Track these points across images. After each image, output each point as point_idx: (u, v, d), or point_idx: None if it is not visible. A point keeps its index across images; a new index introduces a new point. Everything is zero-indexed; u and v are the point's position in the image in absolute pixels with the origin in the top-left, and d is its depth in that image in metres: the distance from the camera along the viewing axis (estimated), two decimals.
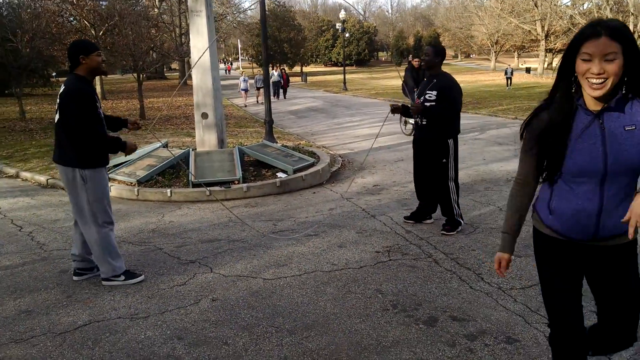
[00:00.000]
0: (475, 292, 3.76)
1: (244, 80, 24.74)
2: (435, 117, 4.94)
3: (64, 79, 3.97)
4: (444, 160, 5.03)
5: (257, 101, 24.44)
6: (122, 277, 4.05)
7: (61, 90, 3.81)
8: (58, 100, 3.79)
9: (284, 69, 26.34)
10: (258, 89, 24.23)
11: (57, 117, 3.81)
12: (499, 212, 5.81)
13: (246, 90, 24.43)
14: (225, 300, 3.72)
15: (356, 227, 5.40)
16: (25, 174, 8.43)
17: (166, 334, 3.25)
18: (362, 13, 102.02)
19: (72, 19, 23.90)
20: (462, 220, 5.24)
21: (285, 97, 27.29)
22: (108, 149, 3.93)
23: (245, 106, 22.53)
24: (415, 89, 8.01)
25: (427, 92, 4.95)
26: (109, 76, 41.91)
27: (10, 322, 3.46)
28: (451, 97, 4.89)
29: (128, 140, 4.04)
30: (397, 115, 17.14)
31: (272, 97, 23.35)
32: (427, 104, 4.94)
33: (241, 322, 3.39)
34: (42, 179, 8.02)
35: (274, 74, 25.62)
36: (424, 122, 5.02)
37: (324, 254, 4.64)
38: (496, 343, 3.06)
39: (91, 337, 3.24)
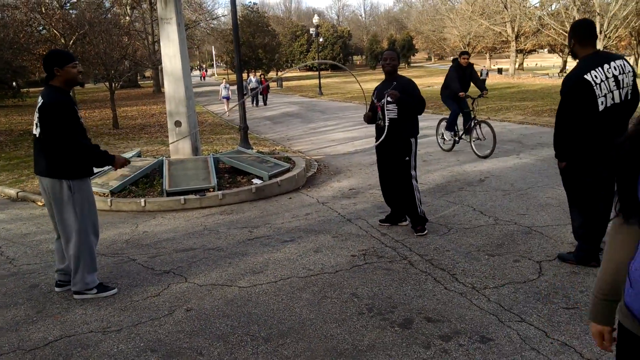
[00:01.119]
0: (449, 293, 3.79)
1: (225, 87, 23.83)
2: (408, 110, 5.03)
3: (35, 89, 3.90)
4: (407, 158, 5.11)
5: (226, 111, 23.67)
6: (95, 291, 3.97)
7: (39, 103, 3.72)
8: (37, 113, 3.71)
9: (262, 74, 25.52)
10: (225, 98, 23.94)
11: (37, 131, 3.73)
12: (472, 212, 5.88)
13: (228, 98, 23.76)
14: (199, 310, 3.68)
15: (332, 232, 5.41)
16: None
17: (139, 347, 3.20)
18: (337, 17, 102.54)
19: (41, 28, 23.56)
20: (426, 217, 5.32)
21: (265, 104, 26.18)
22: (95, 162, 3.84)
23: (228, 115, 21.33)
24: (462, 93, 8.17)
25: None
26: (90, 86, 41.29)
27: None
28: (416, 95, 5.01)
29: (117, 155, 3.96)
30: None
31: (252, 104, 23.44)
32: (389, 105, 5.04)
33: (216, 332, 3.36)
34: (12, 192, 7.84)
35: (252, 80, 25.01)
36: (387, 123, 5.09)
37: (300, 259, 4.63)
38: (470, 343, 3.09)
39: (62, 352, 3.17)
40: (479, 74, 31.20)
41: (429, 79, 43.27)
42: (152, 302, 3.85)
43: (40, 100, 3.74)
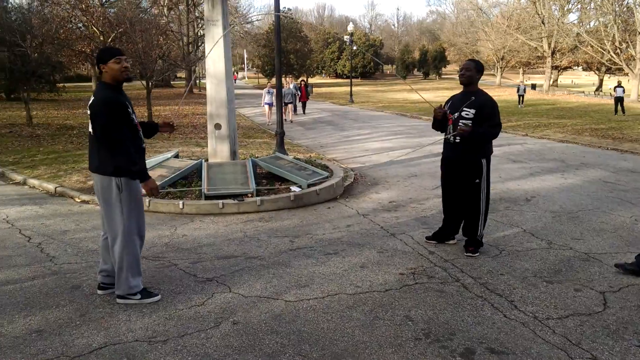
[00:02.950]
0: (510, 322, 3.57)
1: (269, 92, 20.17)
2: (481, 142, 4.75)
3: (70, 84, 3.84)
4: (477, 180, 4.85)
5: (286, 119, 18.88)
6: (139, 296, 3.87)
7: (90, 100, 3.67)
8: (88, 110, 3.65)
9: (303, 80, 22.20)
10: (286, 104, 19.87)
11: (90, 127, 3.68)
12: (522, 233, 5.63)
13: (271, 105, 20.11)
14: (246, 324, 3.53)
15: (376, 247, 5.22)
16: (33, 181, 8.27)
17: None
18: (369, 26, 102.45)
19: (81, 25, 23.94)
20: (482, 241, 5.07)
21: (304, 112, 23.76)
22: (130, 167, 3.70)
23: (269, 124, 18.93)
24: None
25: (464, 109, 4.78)
26: None
27: (21, 342, 3.27)
28: (492, 117, 4.71)
29: (152, 179, 3.83)
30: (409, 129, 16.91)
31: (294, 113, 21.70)
32: (463, 121, 4.76)
33: (266, 349, 3.20)
34: (50, 187, 7.85)
35: (291, 86, 21.84)
36: (457, 140, 4.83)
37: (346, 274, 4.45)
38: None
39: None
40: (515, 90, 30.31)
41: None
42: (197, 311, 3.72)
43: (92, 97, 3.69)
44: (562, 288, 4.15)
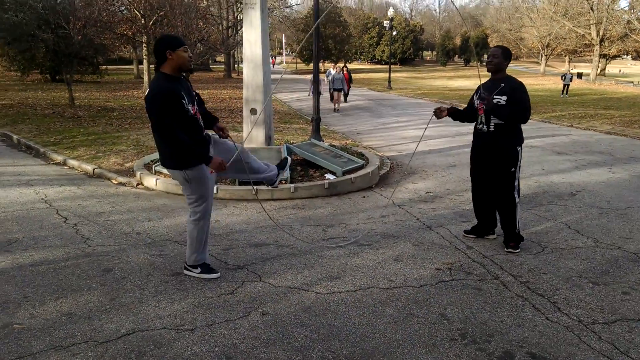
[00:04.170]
0: (553, 325, 3.37)
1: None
2: (507, 119, 4.51)
3: (113, 67, 3.76)
4: (512, 169, 4.62)
5: (335, 108, 18.97)
6: (199, 270, 4.03)
7: (146, 93, 3.61)
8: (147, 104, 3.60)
9: (345, 66, 20.17)
10: (336, 90, 18.99)
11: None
12: (567, 230, 5.36)
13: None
14: (276, 315, 3.45)
15: (412, 239, 5.05)
16: (72, 162, 8.40)
17: (214, 351, 3.00)
18: (409, 11, 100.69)
19: (123, 8, 24.24)
20: (522, 235, 4.84)
21: (346, 101, 22.01)
22: (189, 156, 3.63)
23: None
24: None
25: (495, 97, 4.55)
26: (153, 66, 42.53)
27: (51, 325, 3.27)
28: (523, 101, 4.48)
29: (216, 157, 3.66)
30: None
31: (331, 101, 20.70)
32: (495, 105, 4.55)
33: (294, 343, 3.11)
34: (89, 167, 7.96)
35: (331, 72, 20.08)
36: (492, 129, 4.61)
37: (380, 267, 4.31)
38: None
39: (135, 348, 3.01)
40: (560, 78, 29.14)
41: None
42: (226, 300, 3.66)
43: (148, 89, 3.62)
44: (609, 290, 3.91)
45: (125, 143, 9.97)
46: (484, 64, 4.71)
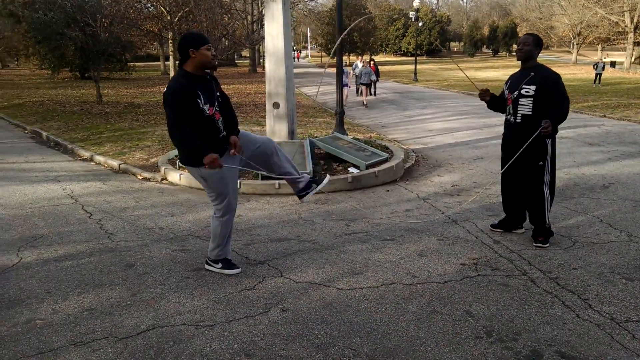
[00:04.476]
0: (583, 323, 3.24)
1: (346, 72, 16.65)
2: (557, 119, 4.30)
3: (140, 63, 3.75)
4: (541, 163, 4.46)
5: (364, 103, 17.92)
6: (220, 265, 4.03)
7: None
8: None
9: (372, 59, 19.35)
10: (364, 85, 18.25)
11: None
12: (599, 223, 5.17)
13: (346, 86, 16.98)
14: (296, 312, 3.39)
15: (436, 234, 4.94)
16: (99, 158, 8.51)
17: (233, 348, 2.96)
18: (436, 2, 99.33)
19: (149, 5, 24.50)
20: (552, 230, 4.68)
21: (375, 94, 21.21)
22: (191, 153, 3.59)
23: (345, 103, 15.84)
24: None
25: (524, 86, 4.38)
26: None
27: (72, 320, 3.28)
28: (559, 91, 4.30)
29: (212, 154, 3.53)
30: (476, 109, 16.20)
31: (357, 94, 20.29)
32: (523, 99, 4.38)
33: (314, 340, 3.05)
34: (114, 163, 8.04)
35: (358, 65, 19.43)
36: (518, 120, 4.45)
37: (403, 262, 4.22)
38: None
39: (154, 345, 3.00)
40: (592, 67, 28.32)
41: None
42: (246, 296, 3.62)
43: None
44: None
45: (150, 139, 10.06)
46: (514, 53, 4.55)
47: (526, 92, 4.39)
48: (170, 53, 24.27)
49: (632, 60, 45.62)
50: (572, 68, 43.83)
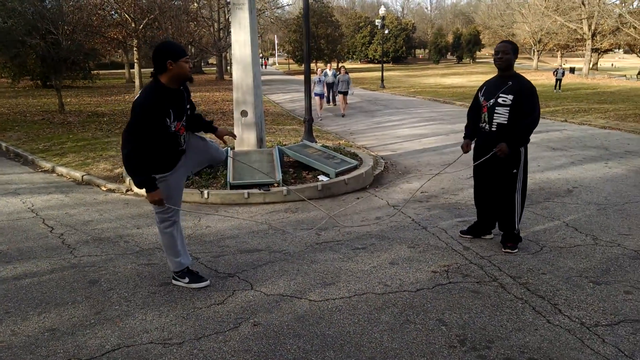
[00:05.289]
0: (554, 328, 3.26)
1: (320, 80, 16.26)
2: (526, 132, 4.37)
3: (104, 71, 3.62)
4: (515, 170, 4.49)
5: (343, 112, 17.16)
6: (187, 279, 3.91)
7: (137, 95, 3.48)
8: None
9: (343, 66, 18.37)
10: (341, 93, 17.11)
11: None
12: (565, 228, 5.26)
13: (322, 96, 16.69)
14: (268, 326, 3.32)
15: (407, 241, 4.93)
16: (61, 169, 8.25)
17: None
18: (401, 10, 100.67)
19: (113, 12, 24.05)
20: (520, 236, 4.73)
21: (335, 104, 19.89)
22: (136, 177, 3.46)
23: (320, 118, 15.86)
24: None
25: (501, 95, 4.41)
26: (149, 69, 42.33)
27: (33, 342, 3.13)
28: (530, 102, 4.33)
29: (157, 191, 3.48)
30: (443, 115, 16.41)
31: (329, 103, 19.76)
32: (499, 108, 4.40)
33: (287, 355, 2.98)
34: (77, 174, 7.81)
35: (328, 73, 18.59)
36: (494, 129, 4.47)
37: (375, 272, 4.19)
38: None
39: None
40: (552, 74, 29.02)
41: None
42: (216, 311, 3.52)
43: (140, 92, 3.49)
44: (610, 290, 3.81)
45: (115, 148, 9.82)
46: (478, 60, 4.59)
47: (503, 100, 4.40)
48: (135, 61, 23.85)
49: (590, 66, 47.10)
50: (533, 74, 44.94)
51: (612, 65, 66.78)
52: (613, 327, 3.27)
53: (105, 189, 7.14)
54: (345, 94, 16.92)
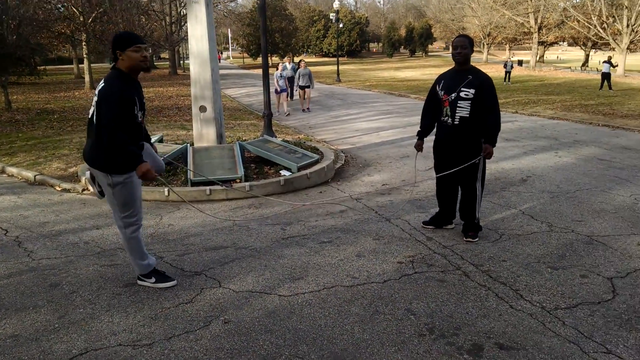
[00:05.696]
0: (517, 313, 3.38)
1: (281, 75, 15.72)
2: (496, 124, 4.51)
3: (52, 67, 3.50)
4: (476, 161, 4.62)
5: (303, 109, 16.65)
6: (153, 279, 3.83)
7: (100, 85, 3.36)
8: (95, 96, 3.34)
9: (302, 60, 17.69)
10: (302, 88, 16.53)
11: (92, 111, 3.38)
12: (521, 216, 5.45)
13: (285, 91, 16.07)
14: (238, 323, 3.30)
15: (372, 233, 5.00)
16: (12, 169, 7.92)
17: None
18: (354, 3, 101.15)
19: (60, 5, 23.18)
20: (480, 225, 4.88)
21: (292, 98, 19.35)
22: (124, 159, 3.38)
23: (286, 113, 15.50)
24: None
25: (463, 89, 4.51)
26: (99, 65, 41.02)
27: None
28: (492, 95, 4.47)
29: (145, 164, 3.36)
30: (399, 108, 16.62)
31: (290, 98, 19.20)
32: (461, 102, 4.50)
33: (260, 351, 2.98)
34: (29, 175, 7.52)
35: (287, 67, 17.84)
36: (456, 122, 4.57)
37: (342, 264, 4.24)
38: None
39: None
40: (502, 66, 29.77)
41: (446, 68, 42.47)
42: (185, 310, 3.48)
43: (102, 82, 3.38)
44: (567, 274, 3.98)
45: (67, 147, 9.51)
46: (430, 53, 4.68)
47: (465, 95, 4.51)
48: (84, 56, 23.08)
49: (537, 58, 48.69)
50: (483, 67, 46.04)
51: (558, 57, 69.23)
52: (572, 310, 3.42)
53: (59, 189, 6.91)
54: (307, 88, 16.61)
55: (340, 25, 54.66)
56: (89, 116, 3.43)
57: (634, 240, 4.70)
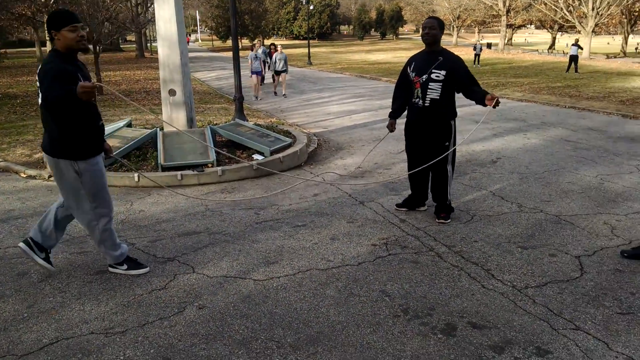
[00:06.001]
0: (489, 293, 3.45)
1: (257, 57, 15.46)
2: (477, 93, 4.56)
3: (12, 50, 3.35)
4: (447, 143, 4.66)
5: (275, 92, 16.57)
6: (125, 267, 3.76)
7: (39, 68, 3.23)
8: (37, 81, 3.20)
9: (273, 44, 17.55)
10: (278, 73, 16.15)
11: (40, 99, 3.22)
12: (492, 197, 5.54)
13: (260, 74, 15.67)
14: (213, 308, 3.28)
15: (346, 216, 5.02)
16: None
17: (150, 354, 2.80)
18: None
19: None
20: (452, 206, 4.95)
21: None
22: (66, 98, 3.03)
23: (260, 98, 15.31)
24: None
25: (434, 71, 4.53)
26: None
27: None
28: (468, 73, 4.53)
29: (84, 82, 2.99)
30: (371, 91, 16.61)
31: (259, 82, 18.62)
32: (432, 83, 4.52)
33: (236, 336, 2.97)
34: None
35: (259, 51, 17.11)
36: (427, 104, 4.60)
37: (317, 248, 4.24)
38: (526, 356, 2.75)
39: (60, 359, 2.75)
40: (472, 49, 29.98)
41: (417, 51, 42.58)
42: (158, 296, 3.44)
43: (40, 65, 3.25)
44: (537, 254, 4.07)
45: (32, 132, 9.23)
46: (401, 36, 4.69)
47: (436, 76, 4.53)
48: (47, 38, 22.33)
49: (506, 41, 49.27)
50: (453, 49, 46.13)
51: (525, 40, 70.23)
52: (541, 288, 3.50)
53: (25, 176, 6.71)
54: (283, 72, 16.11)
55: (311, 7, 54.19)
56: (39, 104, 3.25)
57: (600, 219, 4.83)
